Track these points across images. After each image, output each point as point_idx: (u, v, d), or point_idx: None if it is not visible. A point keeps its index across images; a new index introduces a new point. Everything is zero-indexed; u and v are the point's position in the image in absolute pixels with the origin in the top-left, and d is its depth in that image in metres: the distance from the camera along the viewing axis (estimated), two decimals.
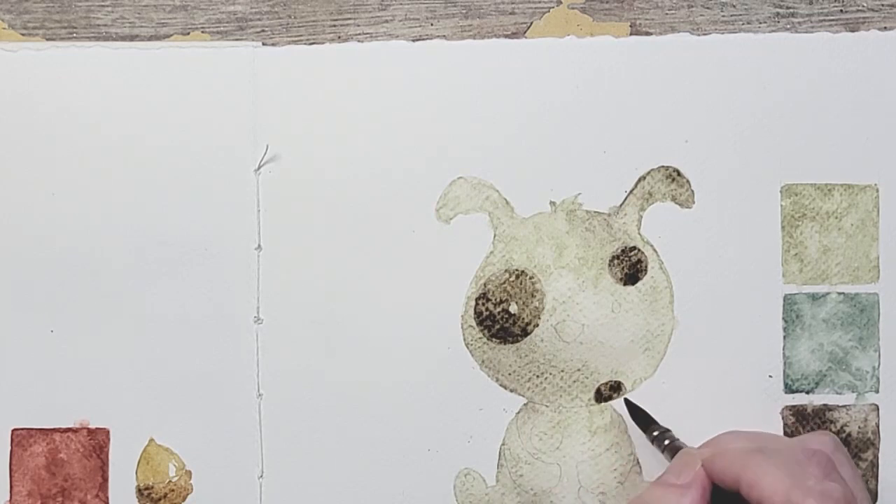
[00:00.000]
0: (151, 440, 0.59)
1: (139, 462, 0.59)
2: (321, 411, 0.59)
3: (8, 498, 0.59)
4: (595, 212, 0.59)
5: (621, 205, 0.59)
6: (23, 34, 0.60)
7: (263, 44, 0.60)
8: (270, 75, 0.59)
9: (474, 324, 0.59)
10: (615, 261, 0.59)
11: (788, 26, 0.60)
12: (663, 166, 0.59)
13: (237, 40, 0.60)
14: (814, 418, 0.59)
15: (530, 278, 0.59)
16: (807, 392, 0.60)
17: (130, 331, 0.59)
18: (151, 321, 0.59)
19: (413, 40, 0.60)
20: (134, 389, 0.59)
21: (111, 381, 0.59)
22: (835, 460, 0.52)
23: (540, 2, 0.60)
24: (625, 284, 0.59)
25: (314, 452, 0.59)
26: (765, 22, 0.60)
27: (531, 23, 0.60)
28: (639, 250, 0.59)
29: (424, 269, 0.59)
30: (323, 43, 0.60)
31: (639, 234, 0.59)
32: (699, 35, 0.60)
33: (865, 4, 0.60)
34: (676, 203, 0.59)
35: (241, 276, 0.59)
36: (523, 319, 0.59)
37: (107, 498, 0.59)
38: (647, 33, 0.60)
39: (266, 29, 0.60)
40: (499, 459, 0.59)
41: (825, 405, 0.60)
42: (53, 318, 0.59)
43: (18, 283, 0.59)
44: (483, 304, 0.59)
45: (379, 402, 0.59)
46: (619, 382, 0.59)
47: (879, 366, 0.60)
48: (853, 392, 0.60)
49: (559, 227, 0.59)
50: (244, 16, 0.60)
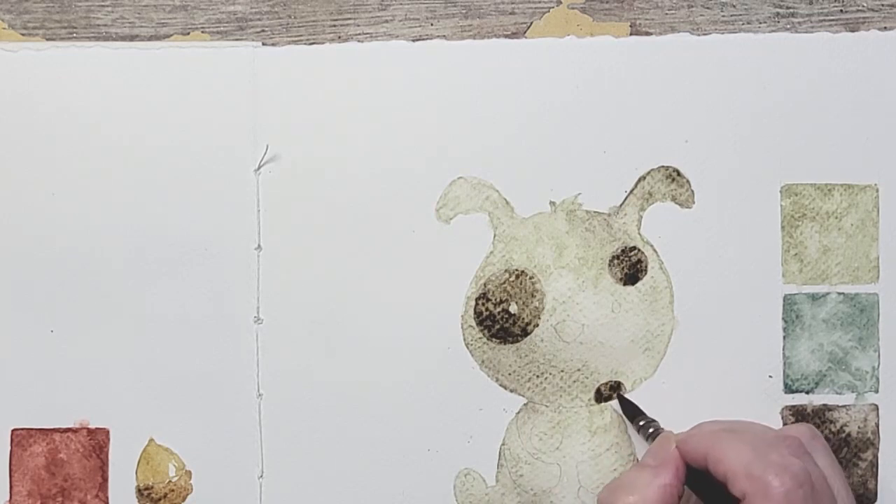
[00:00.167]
0: (151, 440, 0.59)
1: (139, 462, 0.59)
2: (321, 411, 0.59)
3: (8, 498, 0.59)
4: (595, 212, 0.59)
5: (621, 205, 0.59)
6: (23, 34, 0.60)
7: (263, 44, 0.60)
8: (270, 75, 0.59)
9: (474, 324, 0.59)
10: (615, 261, 0.59)
11: (788, 26, 0.60)
12: (663, 166, 0.59)
13: (237, 40, 0.60)
14: (813, 418, 0.59)
15: (530, 278, 0.59)
16: (806, 392, 0.60)
17: (130, 331, 0.59)
18: (151, 321, 0.59)
19: (413, 40, 0.60)
20: (134, 389, 0.59)
21: (111, 381, 0.59)
22: (809, 447, 0.53)
23: (540, 2, 0.60)
24: (625, 284, 0.59)
25: (314, 452, 0.59)
26: (765, 22, 0.60)
27: (531, 23, 0.60)
28: (639, 250, 0.59)
29: (424, 269, 0.59)
30: (323, 43, 0.60)
31: (639, 234, 0.59)
32: (699, 35, 0.60)
33: (865, 4, 0.60)
34: (676, 203, 0.59)
35: (241, 276, 0.59)
36: (523, 319, 0.59)
37: (107, 498, 0.59)
38: (647, 33, 0.60)
39: (266, 29, 0.60)
40: (499, 459, 0.59)
41: (825, 405, 0.60)
42: (53, 318, 0.59)
43: (18, 283, 0.59)
44: (483, 304, 0.59)
45: (379, 402, 0.59)
46: (619, 382, 0.59)
47: (879, 366, 0.60)
48: (853, 392, 0.60)
49: (559, 227, 0.59)
50: (244, 16, 0.60)
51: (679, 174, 0.59)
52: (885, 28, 0.60)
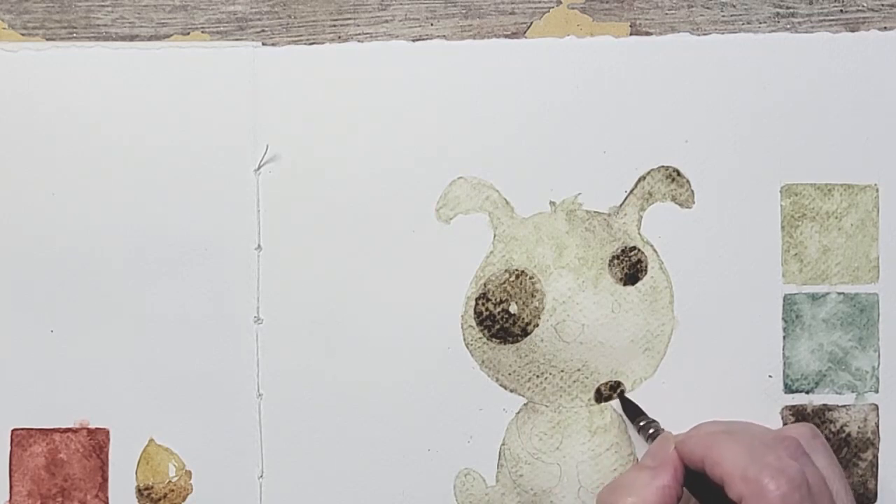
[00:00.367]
0: (151, 440, 0.59)
1: (139, 462, 0.59)
2: (321, 411, 0.59)
3: (8, 498, 0.59)
4: (595, 212, 0.59)
5: (621, 205, 0.59)
6: (23, 34, 0.60)
7: (263, 44, 0.60)
8: (270, 75, 0.59)
9: (474, 324, 0.59)
10: (615, 261, 0.59)
11: (788, 26, 0.60)
12: (663, 166, 0.59)
13: (237, 40, 0.60)
14: (813, 418, 0.59)
15: (530, 278, 0.59)
16: (806, 392, 0.60)
17: (130, 331, 0.59)
18: (151, 321, 0.59)
19: (413, 40, 0.60)
20: (134, 389, 0.59)
21: (111, 381, 0.59)
22: (808, 448, 0.53)
23: (540, 2, 0.60)
24: (625, 284, 0.59)
25: (314, 452, 0.59)
26: (765, 22, 0.60)
27: (531, 23, 0.60)
28: (639, 250, 0.59)
29: (424, 269, 0.59)
30: (323, 43, 0.60)
31: (639, 234, 0.59)
32: (699, 35, 0.60)
33: (865, 4, 0.60)
34: (676, 203, 0.59)
35: (241, 276, 0.59)
36: (523, 319, 0.59)
37: (106, 498, 0.59)
38: (647, 33, 0.60)
39: (266, 29, 0.60)
40: (499, 459, 0.59)
41: (825, 405, 0.60)
42: (53, 318, 0.59)
43: (18, 283, 0.59)
44: (483, 304, 0.59)
45: (379, 402, 0.59)
46: (619, 383, 0.59)
47: (879, 366, 0.60)
48: (853, 392, 0.60)
49: (559, 227, 0.59)
50: (244, 16, 0.60)
51: (679, 174, 0.59)
52: (885, 28, 0.60)
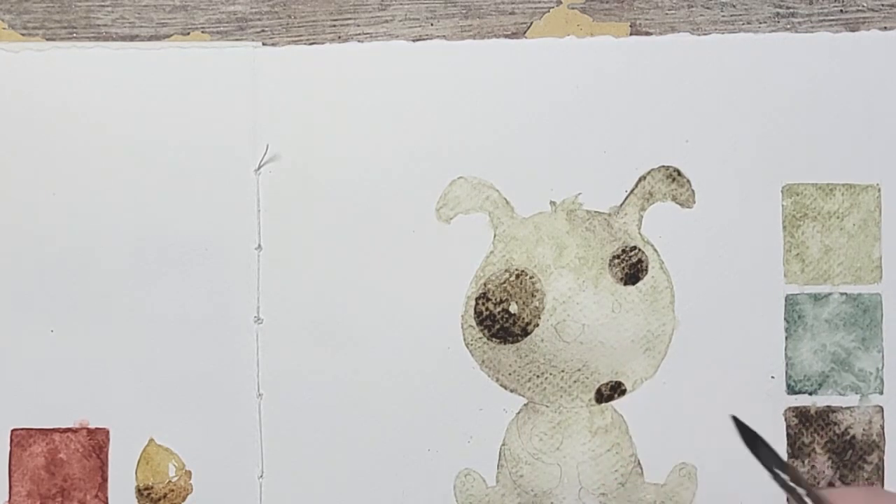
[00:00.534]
0: (151, 440, 0.59)
1: (139, 462, 0.59)
2: (321, 411, 0.59)
3: (7, 498, 0.59)
4: (595, 212, 0.59)
5: (622, 205, 0.59)
6: (23, 34, 0.60)
7: (263, 44, 0.60)
8: (270, 75, 0.59)
9: (474, 324, 0.59)
10: (615, 261, 0.59)
11: (788, 26, 0.60)
12: (664, 166, 0.59)
13: (237, 40, 0.60)
14: (817, 420, 0.59)
15: (530, 278, 0.59)
16: (810, 393, 0.59)
17: (130, 331, 0.59)
18: (151, 321, 0.59)
19: (413, 40, 0.60)
20: (134, 389, 0.59)
21: (111, 381, 0.59)
22: None
23: (540, 2, 0.60)
24: (625, 284, 0.59)
25: (314, 452, 0.59)
26: (765, 22, 0.60)
27: (531, 23, 0.60)
28: (639, 250, 0.59)
29: (424, 269, 0.59)
30: (323, 43, 0.60)
31: (639, 234, 0.59)
32: (699, 35, 0.60)
33: (865, 4, 0.60)
34: (677, 203, 0.59)
35: (241, 276, 0.59)
36: (523, 319, 0.59)
37: (106, 498, 0.59)
38: (647, 33, 0.60)
39: (266, 29, 0.60)
40: (499, 460, 0.59)
41: (828, 407, 0.59)
42: (53, 318, 0.59)
43: (18, 283, 0.59)
44: (483, 304, 0.59)
45: (379, 402, 0.59)
46: (620, 383, 0.59)
47: (883, 367, 0.59)
48: (857, 393, 0.59)
49: (559, 227, 0.59)
50: (244, 16, 0.60)
51: (679, 174, 0.59)
52: (885, 28, 0.60)
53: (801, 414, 0.59)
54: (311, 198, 0.59)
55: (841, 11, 0.60)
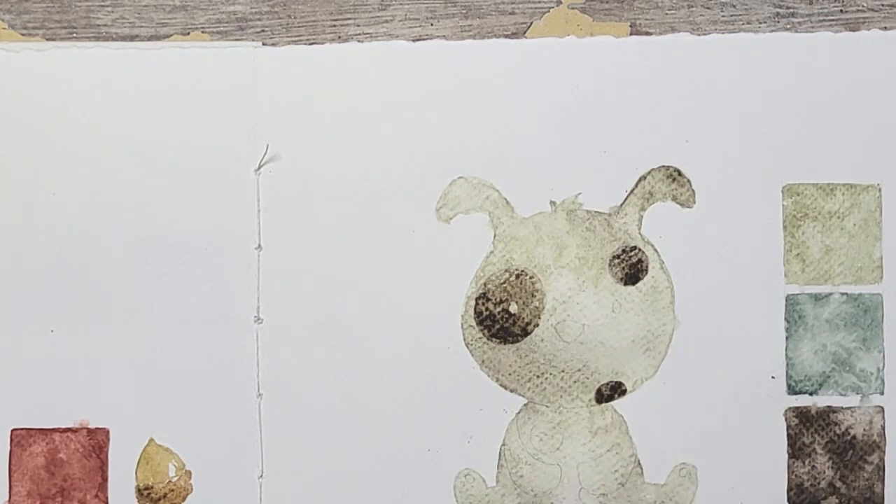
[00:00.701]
0: (151, 440, 0.59)
1: (139, 462, 0.59)
2: (321, 411, 0.59)
3: (7, 498, 0.59)
4: (595, 212, 0.59)
5: (622, 204, 0.59)
6: (23, 34, 0.60)
7: (263, 44, 0.60)
8: (270, 75, 0.59)
9: (474, 324, 0.59)
10: (615, 261, 0.59)
11: (788, 26, 0.60)
12: (664, 166, 0.59)
13: (237, 40, 0.60)
14: (818, 420, 0.59)
15: (530, 278, 0.59)
16: (810, 394, 0.59)
17: (130, 331, 0.59)
18: (151, 321, 0.59)
19: (413, 40, 0.60)
20: (134, 389, 0.59)
21: (111, 381, 0.59)
22: None
23: (540, 2, 0.60)
24: (625, 284, 0.59)
25: (314, 452, 0.59)
26: (765, 22, 0.60)
27: (531, 23, 0.60)
28: (639, 250, 0.59)
29: (424, 269, 0.59)
30: (323, 43, 0.60)
31: (639, 234, 0.59)
32: (699, 35, 0.60)
33: (865, 4, 0.60)
34: (677, 203, 0.59)
35: (241, 276, 0.59)
36: (523, 319, 0.59)
37: (106, 498, 0.59)
38: (647, 33, 0.60)
39: (266, 29, 0.60)
40: (499, 460, 0.59)
41: (829, 407, 0.59)
42: (53, 318, 0.59)
43: (18, 283, 0.59)
44: (483, 304, 0.59)
45: (379, 402, 0.59)
46: (620, 383, 0.59)
47: (884, 367, 0.59)
48: (857, 394, 0.59)
49: (559, 227, 0.59)
50: (244, 16, 0.60)
51: (680, 174, 0.59)
52: (886, 28, 0.60)
53: (802, 414, 0.59)
54: (311, 198, 0.59)
55: (841, 11, 0.60)
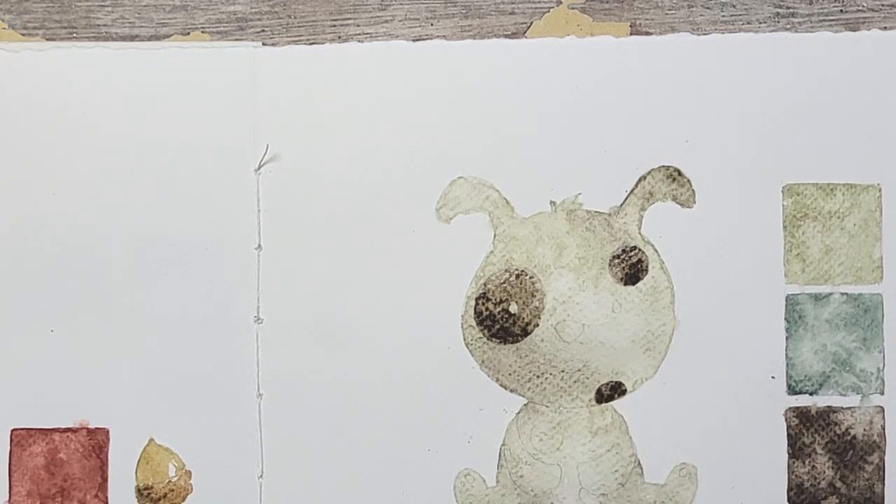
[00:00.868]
0: (151, 440, 0.59)
1: (139, 462, 0.59)
2: (321, 411, 0.59)
3: (7, 498, 0.59)
4: (595, 211, 0.59)
5: (622, 205, 0.59)
6: (23, 34, 0.60)
7: (263, 44, 0.60)
8: (270, 75, 0.59)
9: (474, 324, 0.59)
10: (615, 261, 0.59)
11: (788, 26, 0.60)
12: (664, 166, 0.59)
13: (237, 40, 0.60)
14: (818, 420, 0.59)
15: (530, 278, 0.59)
16: (810, 394, 0.59)
17: (130, 331, 0.59)
18: (151, 321, 0.59)
19: (413, 40, 0.60)
20: (134, 389, 0.59)
21: (111, 381, 0.59)
22: None
23: (540, 2, 0.60)
24: (625, 284, 0.59)
25: (314, 452, 0.59)
26: (765, 22, 0.60)
27: (531, 23, 0.60)
28: (639, 250, 0.59)
29: (424, 269, 0.59)
30: (323, 43, 0.60)
31: (639, 234, 0.59)
32: (699, 35, 0.60)
33: (865, 4, 0.60)
34: (677, 203, 0.59)
35: (241, 276, 0.59)
36: (523, 319, 0.59)
37: (106, 498, 0.59)
38: (647, 33, 0.60)
39: (266, 29, 0.60)
40: (499, 460, 0.59)
41: (829, 407, 0.59)
42: (53, 318, 0.59)
43: (18, 283, 0.59)
44: (483, 304, 0.59)
45: (379, 402, 0.59)
46: (620, 383, 0.59)
47: (884, 367, 0.59)
48: (858, 394, 0.59)
49: (559, 227, 0.59)
50: (244, 16, 0.60)
51: (680, 174, 0.59)
52: (886, 28, 0.60)
53: (802, 414, 0.59)
54: (311, 198, 0.59)
55: (841, 11, 0.60)
